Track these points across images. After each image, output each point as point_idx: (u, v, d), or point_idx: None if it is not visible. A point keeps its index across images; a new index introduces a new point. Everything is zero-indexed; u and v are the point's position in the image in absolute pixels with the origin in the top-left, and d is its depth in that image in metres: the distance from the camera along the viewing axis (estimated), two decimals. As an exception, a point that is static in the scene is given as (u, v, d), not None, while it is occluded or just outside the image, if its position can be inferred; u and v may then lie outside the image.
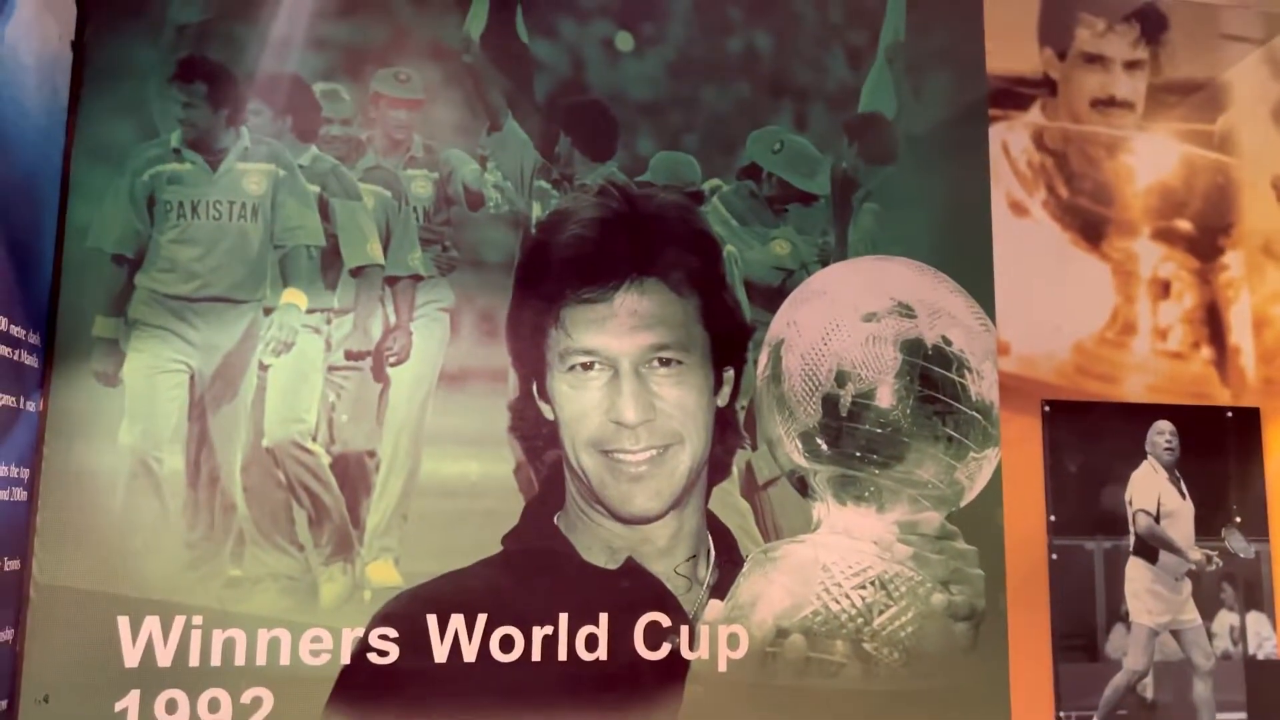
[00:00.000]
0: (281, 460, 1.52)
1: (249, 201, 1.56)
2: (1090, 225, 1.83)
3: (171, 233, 1.53)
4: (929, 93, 1.81)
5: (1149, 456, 1.80)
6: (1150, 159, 1.87)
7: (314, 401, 1.55)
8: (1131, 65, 1.87)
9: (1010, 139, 1.82)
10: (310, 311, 1.58)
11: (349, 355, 1.59)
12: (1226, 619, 1.78)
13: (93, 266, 1.50)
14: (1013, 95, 1.84)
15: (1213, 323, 1.84)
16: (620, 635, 1.60)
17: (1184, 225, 1.85)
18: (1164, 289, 1.84)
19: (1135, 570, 1.76)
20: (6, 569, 1.36)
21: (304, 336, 1.57)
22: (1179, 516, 1.78)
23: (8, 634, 1.38)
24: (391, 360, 1.59)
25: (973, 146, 1.83)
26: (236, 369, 1.54)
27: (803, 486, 1.70)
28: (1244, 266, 1.86)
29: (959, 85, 1.82)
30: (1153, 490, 1.78)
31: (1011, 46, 1.85)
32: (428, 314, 1.63)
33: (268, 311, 1.56)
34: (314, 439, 1.55)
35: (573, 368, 1.63)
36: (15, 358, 1.35)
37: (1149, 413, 1.81)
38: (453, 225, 1.64)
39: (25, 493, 1.40)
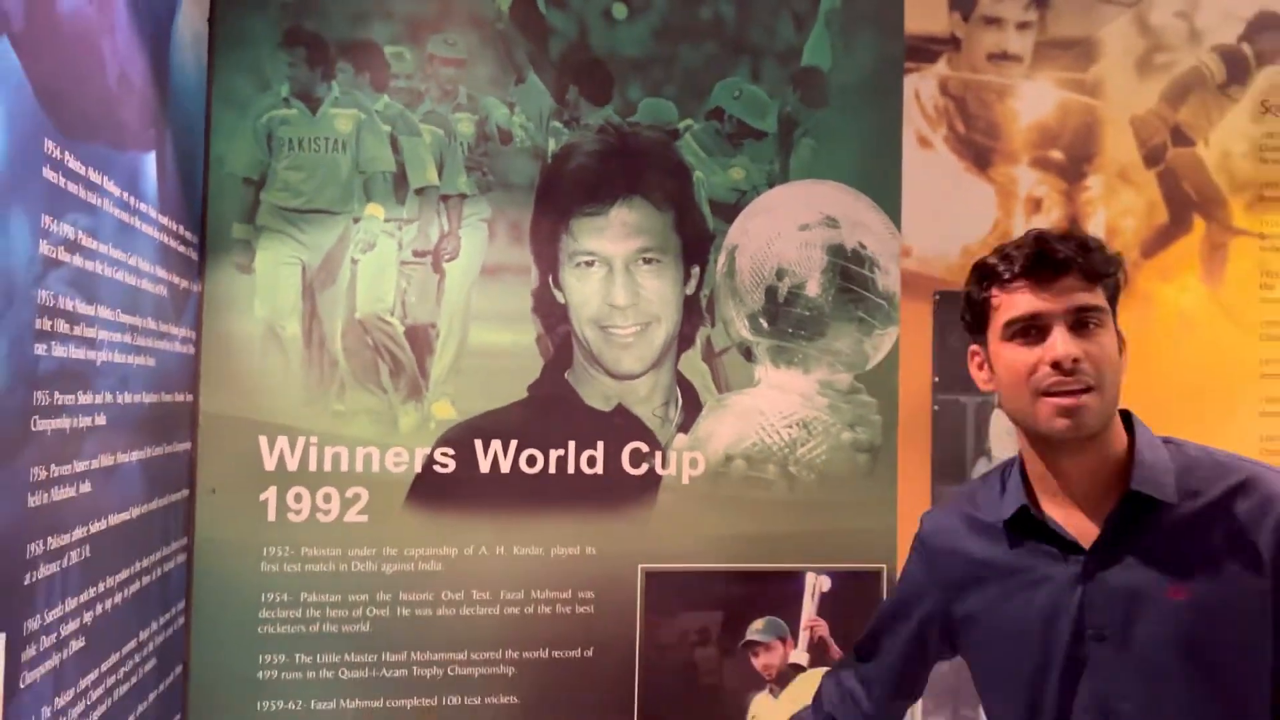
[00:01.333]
0: (369, 329, 2.05)
1: (339, 138, 2.03)
2: (981, 155, 2.26)
3: (285, 161, 2.01)
4: (857, 50, 2.21)
5: (1014, 335, 2.32)
6: (1033, 102, 2.28)
7: (391, 287, 2.03)
8: (1023, 25, 2.30)
9: (921, 87, 2.24)
10: (387, 221, 2.03)
11: (416, 253, 2.04)
12: (1066, 456, 2.32)
13: (230, 187, 1.98)
14: (924, 51, 2.24)
15: (1073, 232, 2.34)
16: (613, 457, 2.09)
17: (1056, 155, 2.31)
18: (1037, 205, 2.31)
19: (998, 419, 2.28)
20: (183, 400, 1.94)
21: (382, 239, 2.02)
22: (1035, 380, 2.32)
23: (186, 445, 1.96)
24: (446, 258, 2.05)
25: (890, 93, 2.21)
26: (335, 262, 2.01)
27: (748, 354, 2.17)
28: (1102, 188, 2.32)
29: (882, 43, 2.21)
30: (1015, 360, 2.31)
31: (926, 11, 2.26)
32: (471, 223, 2.06)
33: (356, 220, 2.01)
34: (392, 314, 2.02)
35: (578, 264, 2.10)
36: (186, 253, 1.90)
37: (1017, 301, 2.32)
38: (489, 156, 2.07)
39: (193, 348, 1.97)
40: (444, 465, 2.05)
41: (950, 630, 1.41)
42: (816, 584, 2.17)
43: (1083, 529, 1.26)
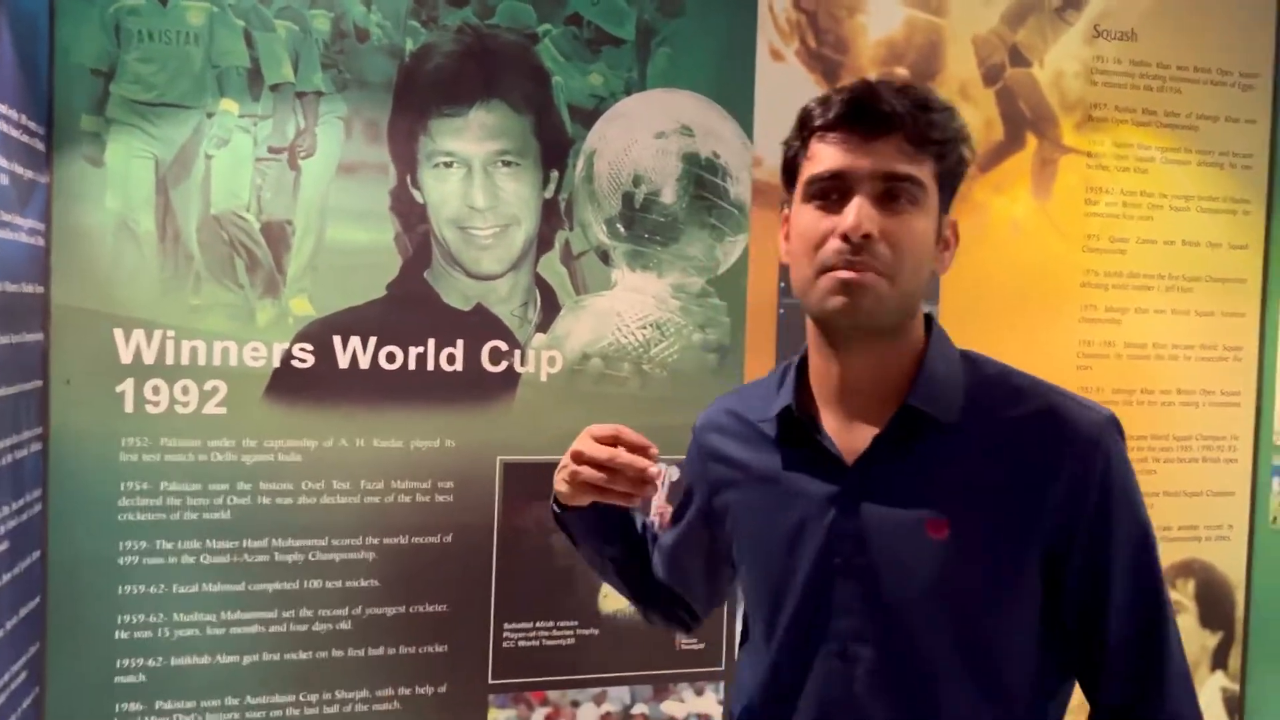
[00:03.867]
0: (225, 225, 2.06)
1: (191, 31, 2.02)
2: (830, 69, 2.36)
3: (135, 53, 1.98)
4: (714, -39, 2.32)
5: (858, 242, 2.46)
6: (881, 20, 2.37)
7: (246, 183, 2.04)
8: (874, -55, 2.41)
9: (775, 1, 2.34)
10: (241, 116, 2.03)
11: (271, 150, 2.05)
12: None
13: (78, 78, 1.94)
14: (780, -35, 2.36)
15: (915, 146, 2.47)
16: (472, 355, 2.16)
17: (901, 71, 2.41)
18: (882, 120, 2.44)
19: (840, 322, 2.45)
20: (34, 291, 1.94)
21: (237, 135, 2.03)
22: (875, 286, 2.47)
23: (38, 336, 1.96)
24: (302, 155, 2.06)
25: (745, 5, 2.28)
26: (189, 157, 2.01)
27: (605, 257, 2.25)
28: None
29: (738, -44, 2.30)
30: (858, 267, 2.46)
31: (782, -75, 2.36)
32: (328, 121, 2.08)
33: (210, 115, 2.01)
34: (248, 210, 2.04)
35: (437, 165, 2.13)
36: (31, 144, 1.88)
37: (861, 211, 2.45)
38: (345, 54, 2.08)
39: (43, 240, 1.96)
40: (302, 360, 2.10)
41: (714, 528, 1.33)
42: (666, 474, 2.28)
43: (855, 443, 1.10)
